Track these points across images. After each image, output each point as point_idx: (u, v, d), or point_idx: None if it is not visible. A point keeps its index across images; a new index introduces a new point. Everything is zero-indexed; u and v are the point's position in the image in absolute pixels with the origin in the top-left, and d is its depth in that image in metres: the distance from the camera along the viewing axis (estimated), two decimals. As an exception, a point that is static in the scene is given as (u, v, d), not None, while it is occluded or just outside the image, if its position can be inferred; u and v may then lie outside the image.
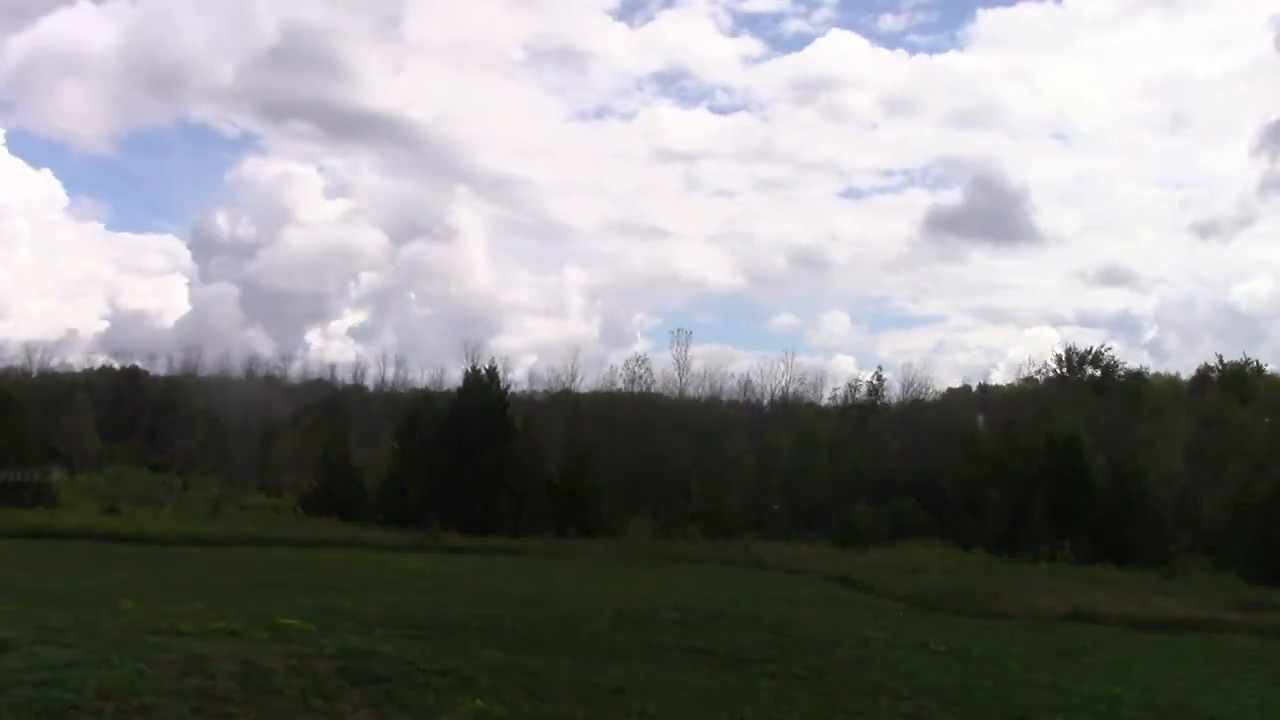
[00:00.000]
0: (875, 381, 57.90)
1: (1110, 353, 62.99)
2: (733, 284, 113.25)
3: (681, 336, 55.44)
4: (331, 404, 66.97)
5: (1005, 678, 14.04)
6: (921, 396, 57.44)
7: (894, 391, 58.38)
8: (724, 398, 58.49)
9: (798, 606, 21.99)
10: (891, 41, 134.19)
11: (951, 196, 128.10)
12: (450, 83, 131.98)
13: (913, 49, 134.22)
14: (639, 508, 46.87)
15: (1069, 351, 62.61)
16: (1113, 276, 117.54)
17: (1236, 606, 24.79)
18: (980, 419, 55.27)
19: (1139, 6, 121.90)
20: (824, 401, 59.53)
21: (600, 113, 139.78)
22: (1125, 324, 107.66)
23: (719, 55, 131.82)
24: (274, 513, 44.90)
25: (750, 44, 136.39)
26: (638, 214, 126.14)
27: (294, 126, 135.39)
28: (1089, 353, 62.38)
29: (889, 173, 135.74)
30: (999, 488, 42.34)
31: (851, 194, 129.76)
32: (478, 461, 41.05)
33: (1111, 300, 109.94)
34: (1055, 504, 37.89)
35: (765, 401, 58.37)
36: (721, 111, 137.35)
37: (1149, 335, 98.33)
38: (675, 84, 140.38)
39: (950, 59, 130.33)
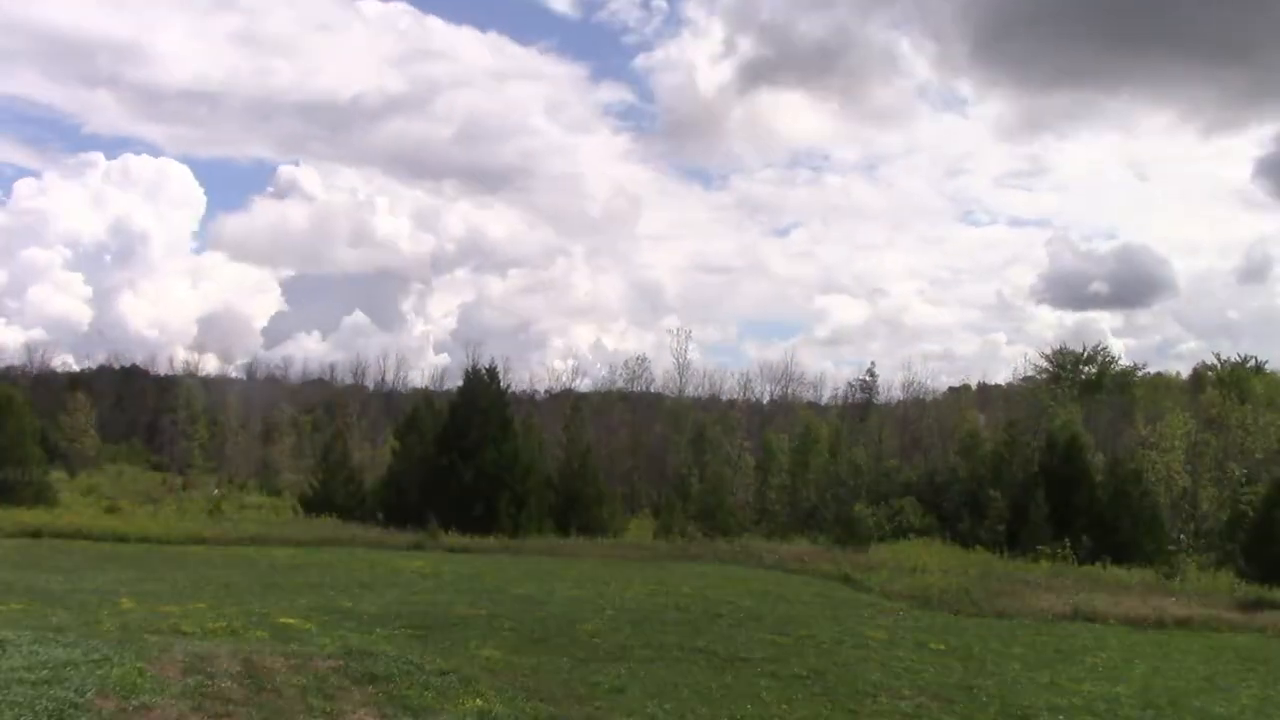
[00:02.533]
0: (869, 378, 57.65)
1: (1103, 350, 62.89)
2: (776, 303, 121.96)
3: (681, 335, 54.90)
4: (331, 404, 66.98)
5: (1005, 677, 14.03)
6: (921, 396, 57.40)
7: (894, 391, 58.34)
8: (724, 397, 58.50)
9: (798, 606, 21.96)
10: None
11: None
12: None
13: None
14: (639, 508, 46.89)
15: (1059, 351, 62.47)
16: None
17: (1236, 606, 24.80)
18: (980, 419, 55.23)
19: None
20: (824, 401, 59.51)
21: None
22: (1128, 328, 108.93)
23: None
24: (274, 513, 44.85)
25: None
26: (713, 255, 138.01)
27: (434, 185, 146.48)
28: (1084, 352, 62.31)
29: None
30: (999, 487, 42.34)
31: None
32: (478, 461, 41.00)
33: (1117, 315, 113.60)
34: (1055, 503, 37.82)
35: (765, 401, 58.38)
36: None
37: (1149, 338, 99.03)
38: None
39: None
